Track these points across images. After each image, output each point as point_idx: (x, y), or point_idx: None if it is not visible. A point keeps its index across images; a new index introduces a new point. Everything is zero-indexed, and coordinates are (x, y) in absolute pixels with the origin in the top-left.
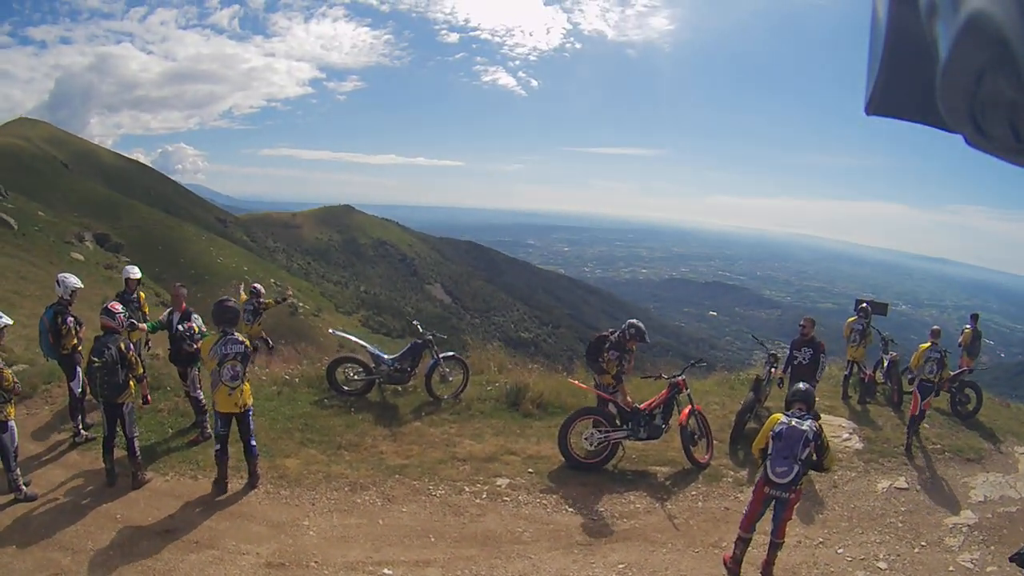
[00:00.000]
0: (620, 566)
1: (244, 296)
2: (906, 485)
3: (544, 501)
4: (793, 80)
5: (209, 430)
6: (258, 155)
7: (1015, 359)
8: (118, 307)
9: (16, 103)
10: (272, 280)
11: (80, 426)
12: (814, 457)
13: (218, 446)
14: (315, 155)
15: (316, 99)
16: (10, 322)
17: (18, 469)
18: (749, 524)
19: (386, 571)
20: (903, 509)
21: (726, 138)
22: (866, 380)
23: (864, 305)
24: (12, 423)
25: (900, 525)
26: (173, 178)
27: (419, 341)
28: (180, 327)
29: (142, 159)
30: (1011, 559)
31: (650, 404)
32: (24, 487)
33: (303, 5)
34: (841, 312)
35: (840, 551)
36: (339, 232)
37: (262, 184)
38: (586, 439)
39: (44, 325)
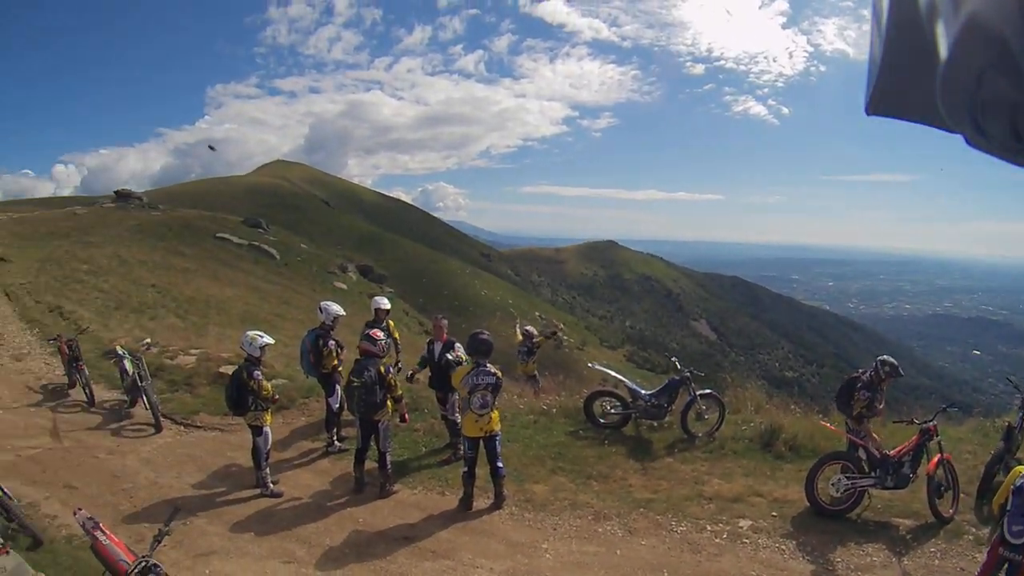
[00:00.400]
0: None
1: (519, 337)
2: None
3: (783, 546)
4: None
5: (461, 452)
6: (518, 192)
7: None
8: (379, 335)
9: (272, 147)
10: (537, 313)
11: (334, 437)
12: None
13: (465, 468)
14: (575, 191)
15: (571, 136)
16: (272, 341)
17: (268, 469)
18: None
19: None
20: None
21: (983, 158)
22: None
23: None
24: (267, 429)
25: None
26: (436, 215)
27: (677, 378)
28: (448, 355)
29: (403, 197)
30: None
31: (900, 451)
32: (271, 485)
33: (545, 47)
34: None
35: None
36: (603, 267)
37: (523, 220)
38: (833, 485)
39: (306, 346)
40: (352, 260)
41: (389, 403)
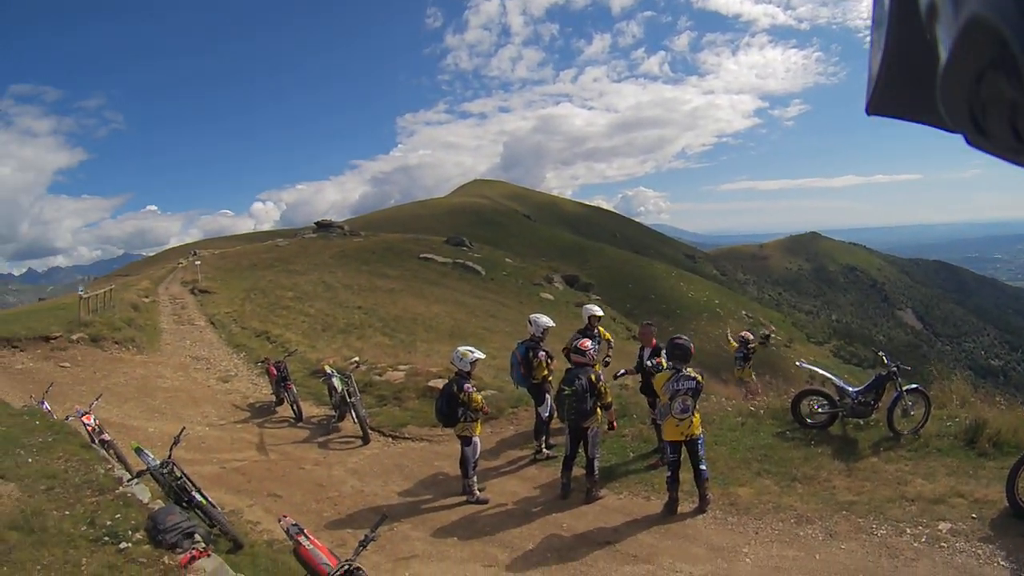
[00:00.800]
0: None
1: (733, 344)
2: None
3: (979, 551)
4: None
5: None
6: (717, 191)
7: None
8: (588, 344)
9: (468, 168)
10: (744, 312)
11: (543, 445)
12: None
13: (669, 472)
14: (773, 184)
15: (764, 128)
16: (483, 356)
17: (475, 477)
18: None
19: None
20: None
21: None
22: None
23: None
24: (476, 439)
25: None
26: (637, 220)
27: (884, 373)
28: (650, 363)
29: (604, 205)
30: None
31: None
32: (477, 492)
33: (725, 40)
34: None
35: None
36: (807, 260)
37: (725, 218)
38: None
39: (516, 358)
40: (557, 271)
41: (599, 411)
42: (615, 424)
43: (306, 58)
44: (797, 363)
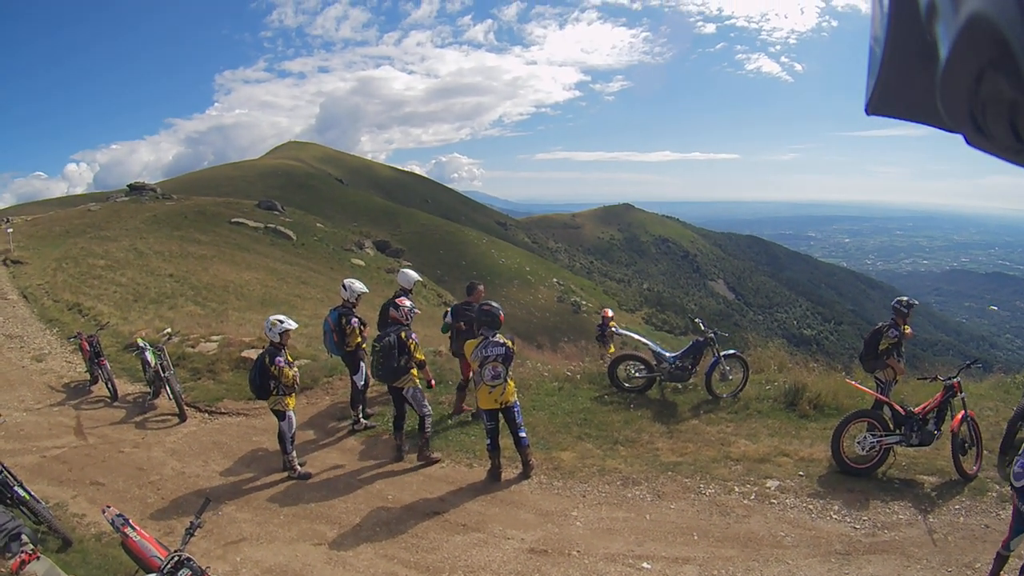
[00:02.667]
0: None
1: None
2: None
3: (810, 506)
4: None
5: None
6: (532, 160)
7: None
8: (406, 303)
9: (284, 129)
10: (555, 279)
11: (360, 415)
12: None
13: (488, 440)
14: (589, 156)
15: (584, 101)
16: (294, 326)
17: (294, 452)
18: (1006, 541)
19: (645, 565)
20: None
21: None
22: None
23: None
24: (291, 413)
25: None
26: (450, 186)
27: (701, 339)
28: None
29: (417, 170)
30: None
31: (924, 408)
32: (299, 467)
33: (555, 12)
34: None
35: None
36: (620, 230)
37: (539, 188)
38: (858, 443)
39: (328, 325)
40: (369, 236)
41: (413, 370)
42: (432, 383)
43: (124, 4)
44: (613, 329)
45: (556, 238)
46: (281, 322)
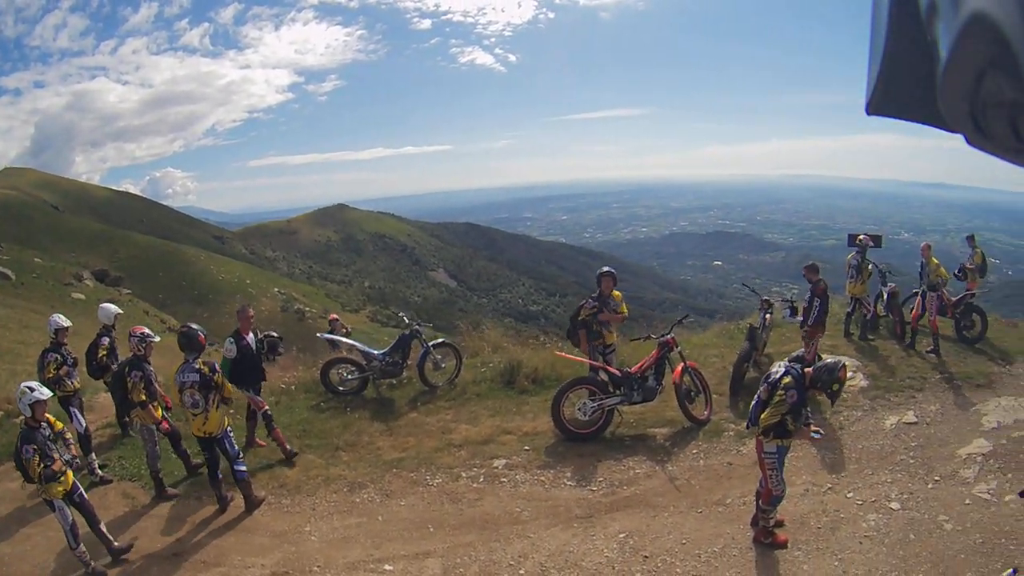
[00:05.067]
0: (621, 535)
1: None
2: (915, 419)
3: (542, 478)
4: (772, 21)
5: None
6: (247, 168)
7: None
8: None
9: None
10: (276, 289)
11: (95, 465)
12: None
13: (208, 471)
14: (303, 159)
15: (298, 103)
16: (45, 395)
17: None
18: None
19: (387, 567)
20: (913, 444)
21: (709, 88)
22: (868, 316)
23: (861, 238)
24: (60, 502)
25: (911, 461)
26: (165, 203)
27: (407, 332)
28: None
29: (132, 189)
30: (1021, 494)
31: (641, 366)
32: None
33: (271, 13)
34: (845, 248)
35: (850, 495)
36: (336, 231)
37: (255, 196)
38: (579, 410)
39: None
40: (86, 267)
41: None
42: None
43: None
44: (317, 335)
45: (273, 246)
46: (30, 391)
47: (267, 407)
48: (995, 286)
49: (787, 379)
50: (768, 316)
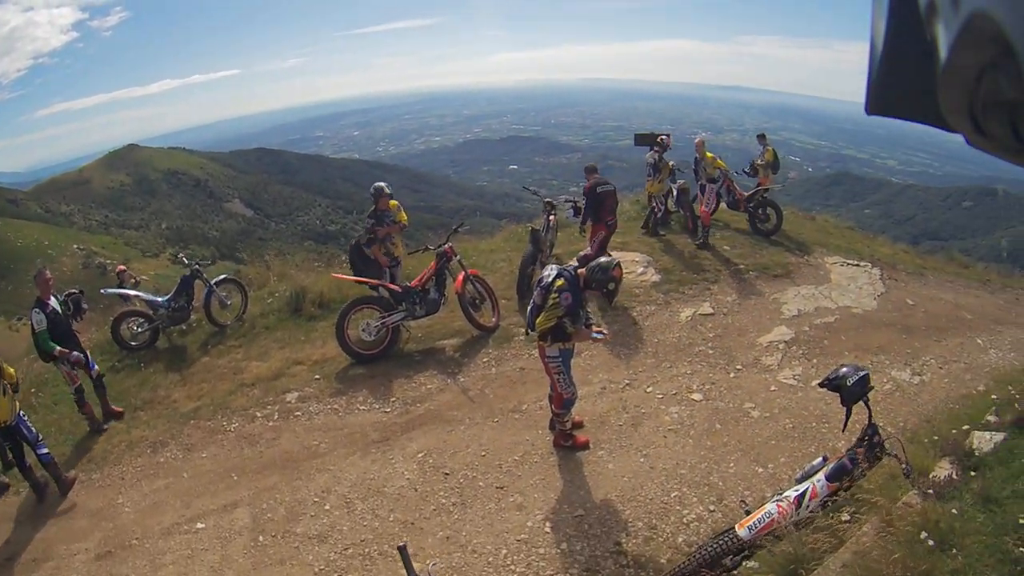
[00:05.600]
0: (420, 455)
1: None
2: (711, 310)
3: (335, 406)
4: None
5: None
6: (35, 118)
7: (822, 172)
8: None
9: None
10: (76, 246)
11: None
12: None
13: (9, 457)
14: (89, 101)
15: (83, 42)
16: None
17: None
18: None
19: (199, 525)
20: (711, 335)
21: None
22: (659, 213)
23: (662, 138)
24: None
25: (711, 352)
26: None
27: (187, 274)
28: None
29: None
30: (820, 385)
31: (421, 279)
32: None
33: None
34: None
35: (649, 389)
36: (128, 174)
37: (47, 149)
38: (363, 330)
39: None
40: None
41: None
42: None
43: None
44: (101, 291)
45: (68, 200)
46: None
47: (80, 381)
48: (796, 182)
49: (560, 281)
50: (552, 218)
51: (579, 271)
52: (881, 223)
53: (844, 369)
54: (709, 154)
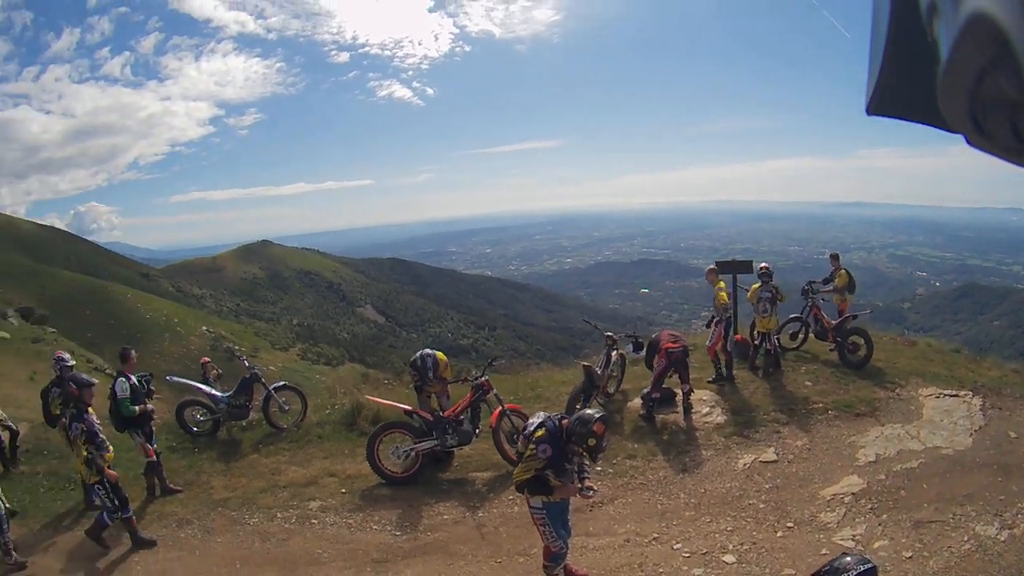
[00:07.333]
0: None
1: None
2: (775, 457)
3: (350, 520)
4: (685, 48)
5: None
6: (169, 203)
7: (949, 286)
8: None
9: None
10: (204, 327)
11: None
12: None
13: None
14: (226, 194)
15: (219, 137)
16: None
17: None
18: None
19: None
20: (768, 486)
21: (624, 118)
22: (773, 351)
23: (764, 266)
24: None
25: (762, 506)
26: (91, 239)
27: (247, 376)
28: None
29: (57, 223)
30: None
31: (455, 410)
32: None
33: (191, 44)
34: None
35: (677, 546)
36: (261, 268)
37: (179, 232)
38: (393, 453)
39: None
40: (11, 304)
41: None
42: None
43: None
44: (167, 378)
45: (200, 283)
46: None
47: (155, 455)
48: (924, 298)
49: (540, 431)
50: (615, 353)
51: (563, 421)
52: (1011, 334)
53: (847, 559)
54: (720, 283)
